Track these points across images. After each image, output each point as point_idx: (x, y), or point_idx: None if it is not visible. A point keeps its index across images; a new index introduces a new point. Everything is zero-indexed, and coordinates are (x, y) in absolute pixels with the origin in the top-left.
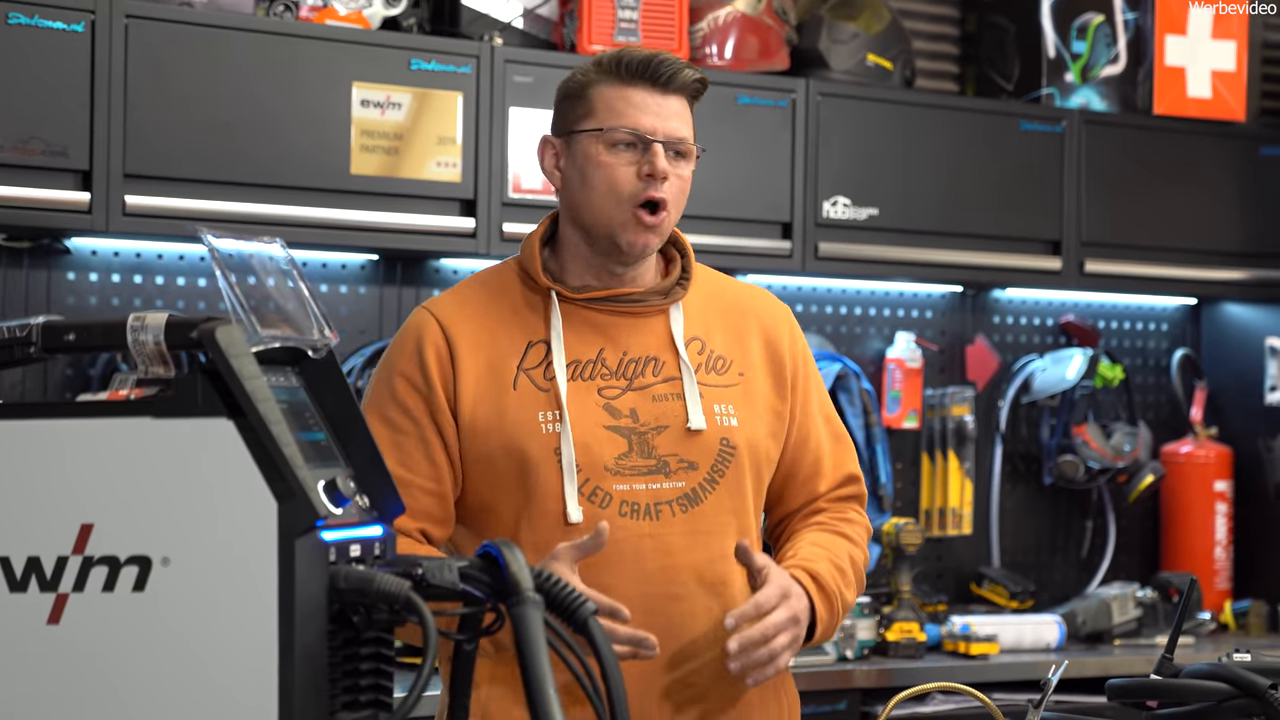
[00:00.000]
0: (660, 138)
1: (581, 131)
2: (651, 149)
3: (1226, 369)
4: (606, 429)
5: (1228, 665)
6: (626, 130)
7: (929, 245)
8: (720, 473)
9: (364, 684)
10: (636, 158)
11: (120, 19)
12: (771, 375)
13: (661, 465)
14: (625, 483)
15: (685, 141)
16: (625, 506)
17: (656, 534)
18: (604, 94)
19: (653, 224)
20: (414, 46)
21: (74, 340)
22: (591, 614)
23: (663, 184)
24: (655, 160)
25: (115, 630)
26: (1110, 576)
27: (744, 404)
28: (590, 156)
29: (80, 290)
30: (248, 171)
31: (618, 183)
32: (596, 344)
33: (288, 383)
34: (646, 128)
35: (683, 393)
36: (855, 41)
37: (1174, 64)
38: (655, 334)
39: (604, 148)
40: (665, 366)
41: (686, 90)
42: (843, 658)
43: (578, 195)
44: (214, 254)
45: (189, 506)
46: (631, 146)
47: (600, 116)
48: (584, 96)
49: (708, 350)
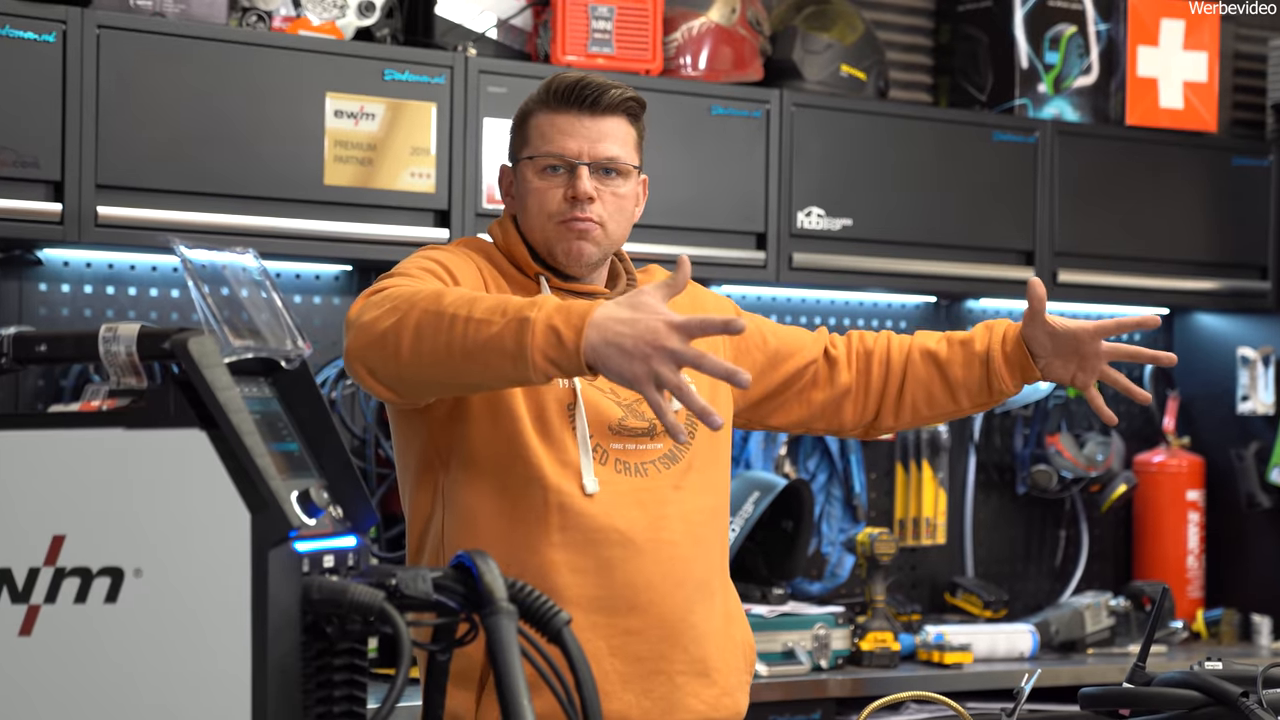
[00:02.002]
0: (585, 160)
1: (521, 159)
2: (576, 172)
3: (1198, 379)
4: (605, 395)
5: (1200, 674)
6: (552, 155)
7: (903, 256)
8: (692, 434)
9: (337, 695)
10: (564, 181)
11: (92, 29)
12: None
13: (649, 429)
14: (620, 443)
15: (616, 160)
16: (619, 465)
17: (650, 487)
18: (538, 122)
19: (581, 230)
20: (388, 57)
21: (46, 351)
22: (565, 623)
23: (589, 205)
24: (577, 183)
25: (88, 642)
26: (1083, 585)
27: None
28: (526, 181)
29: (52, 301)
30: (220, 182)
31: (545, 204)
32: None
33: (261, 394)
34: (571, 151)
35: None
36: (829, 52)
37: (1146, 75)
38: None
39: (535, 173)
40: None
41: (618, 110)
42: (817, 667)
43: (520, 218)
44: (186, 265)
45: (162, 518)
46: (560, 170)
47: (533, 144)
48: (524, 126)
49: None
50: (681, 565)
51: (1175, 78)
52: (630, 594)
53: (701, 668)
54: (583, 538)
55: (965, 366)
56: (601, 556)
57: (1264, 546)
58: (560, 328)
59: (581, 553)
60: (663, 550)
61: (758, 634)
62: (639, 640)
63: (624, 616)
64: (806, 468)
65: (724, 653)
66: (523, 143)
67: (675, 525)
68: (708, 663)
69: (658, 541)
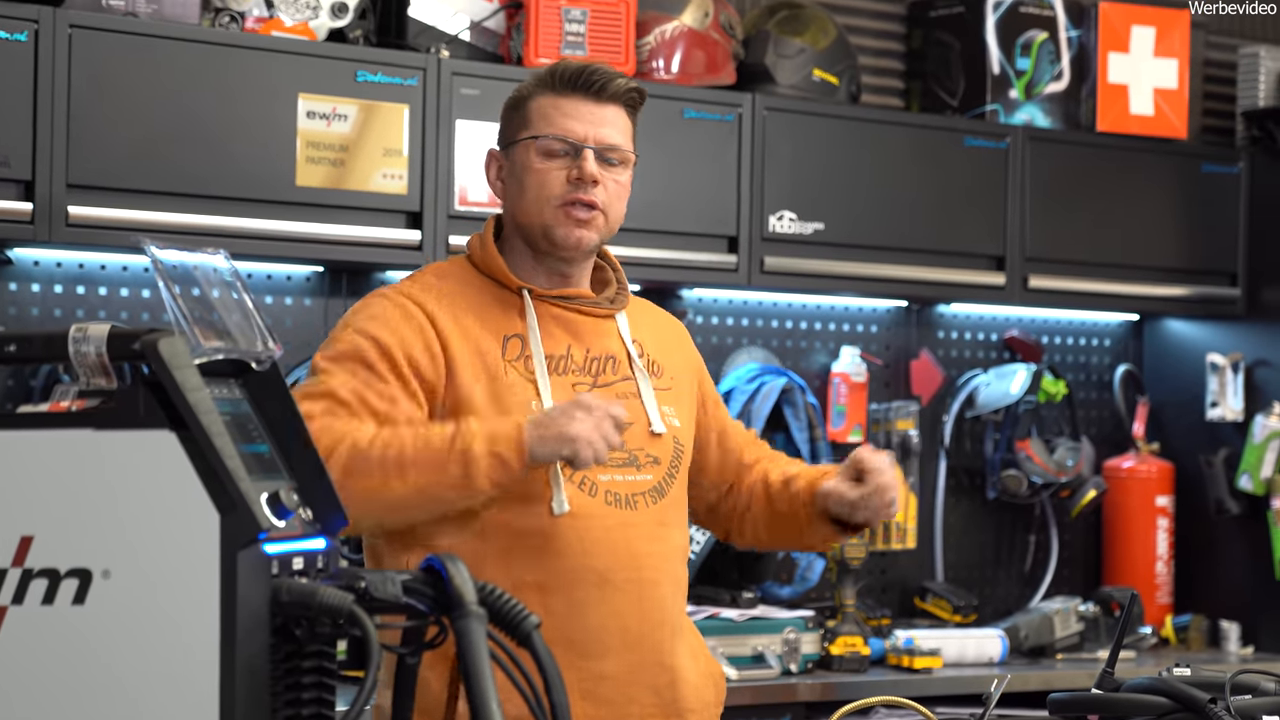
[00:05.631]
0: (591, 144)
1: (519, 141)
2: (582, 155)
3: (1168, 385)
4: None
5: (1168, 679)
6: (557, 137)
7: (874, 260)
8: (676, 468)
9: (306, 697)
10: (568, 164)
11: (64, 29)
12: (689, 378)
13: (632, 459)
14: (608, 473)
15: (619, 149)
16: (610, 496)
17: (635, 523)
18: (540, 104)
19: (584, 218)
20: (360, 58)
21: (15, 351)
22: (535, 627)
23: (593, 188)
24: (584, 165)
25: (55, 643)
26: (1053, 591)
27: (680, 407)
28: (525, 164)
29: (22, 301)
30: (192, 182)
31: (548, 186)
32: (565, 340)
33: (231, 395)
34: (578, 135)
35: (639, 392)
36: (801, 56)
37: (1117, 81)
38: (611, 336)
39: (537, 155)
40: (621, 366)
41: (621, 99)
42: (786, 671)
43: (515, 202)
44: (157, 265)
45: (130, 519)
46: (564, 154)
47: (535, 125)
48: (522, 108)
49: (647, 355)
50: (658, 606)
51: (1146, 84)
52: (604, 636)
53: (674, 709)
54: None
55: (789, 505)
56: (575, 597)
57: (1233, 552)
58: (503, 453)
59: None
60: (644, 590)
61: (727, 638)
62: (611, 684)
63: (597, 660)
64: None
65: (700, 692)
66: (521, 125)
67: (657, 564)
68: (680, 704)
69: (639, 581)
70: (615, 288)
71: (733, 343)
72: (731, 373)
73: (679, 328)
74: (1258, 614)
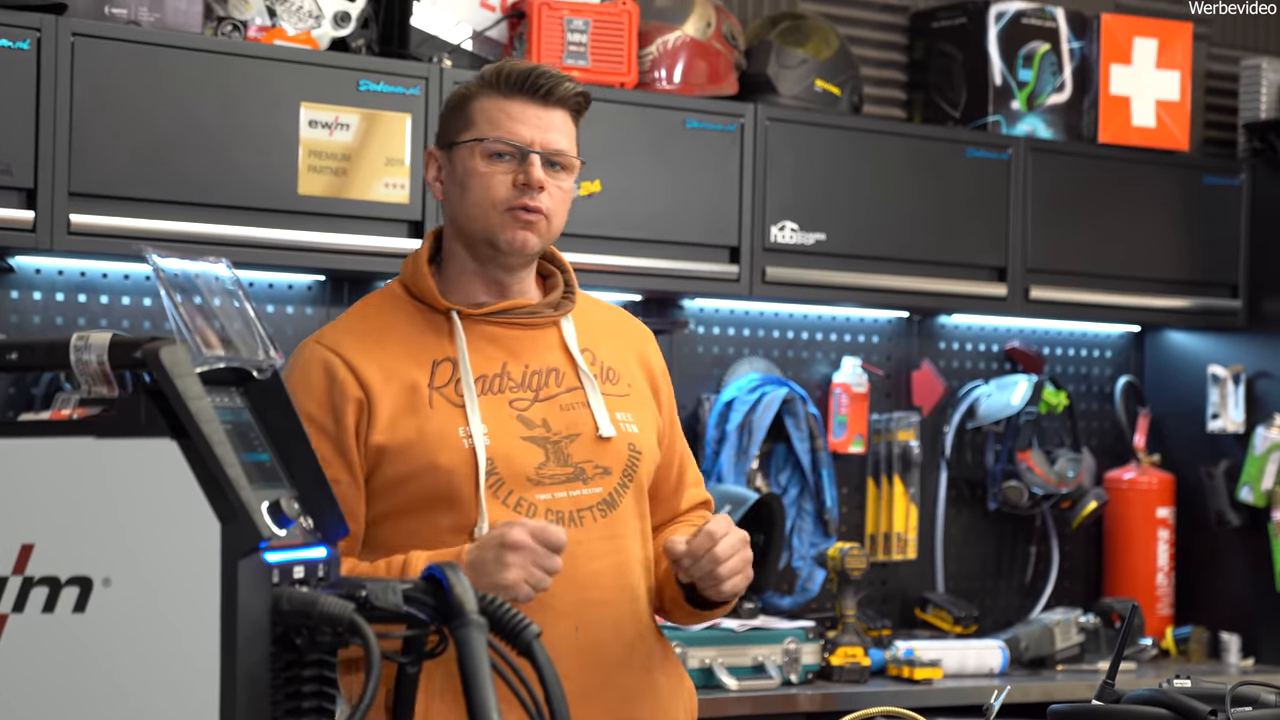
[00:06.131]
0: (537, 149)
1: (461, 143)
2: (528, 160)
3: (1169, 396)
4: (523, 440)
5: (1168, 691)
6: (503, 141)
7: (875, 271)
8: (630, 477)
9: (306, 706)
10: (513, 168)
11: (67, 37)
12: (650, 389)
13: (579, 472)
14: (547, 491)
15: (564, 154)
16: (550, 515)
17: (581, 540)
18: (484, 106)
19: (528, 220)
20: (363, 68)
21: (17, 359)
22: (535, 636)
23: (539, 194)
24: (530, 170)
25: (55, 652)
26: (1053, 602)
27: (639, 413)
28: (469, 167)
29: (24, 309)
30: (194, 191)
31: (492, 190)
32: (499, 358)
33: (232, 403)
34: (524, 139)
35: (587, 401)
36: (804, 67)
37: (1119, 93)
38: (551, 346)
39: (482, 158)
40: (565, 377)
41: (568, 103)
42: (787, 682)
43: (457, 206)
44: (159, 274)
45: (131, 527)
46: (509, 157)
47: (479, 127)
48: (465, 109)
49: (599, 361)
50: (609, 629)
51: (1148, 96)
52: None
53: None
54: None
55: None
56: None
57: (1233, 564)
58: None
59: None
60: (586, 612)
61: (728, 648)
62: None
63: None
64: (778, 482)
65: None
66: (464, 126)
67: (607, 581)
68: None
69: (582, 603)
70: (561, 291)
71: (734, 353)
72: (733, 383)
73: (642, 334)
74: (1258, 626)
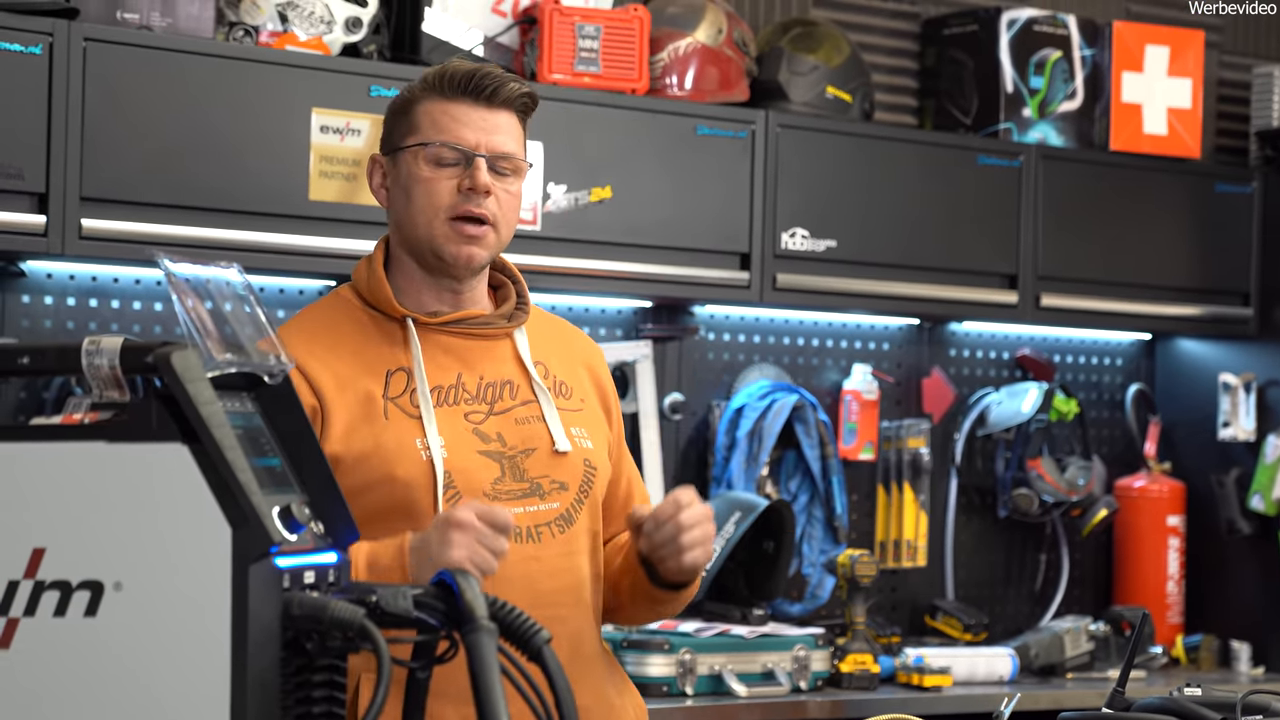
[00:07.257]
0: (483, 152)
1: (405, 148)
2: (473, 164)
3: (1180, 404)
4: (480, 454)
5: (1179, 699)
6: (448, 145)
7: (886, 278)
8: (586, 493)
9: (316, 711)
10: (458, 173)
11: (79, 42)
12: (600, 404)
13: (535, 488)
14: (504, 507)
15: (512, 157)
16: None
17: (539, 556)
18: (428, 109)
19: (474, 235)
20: (374, 73)
21: (28, 364)
22: (546, 642)
23: (485, 199)
24: (476, 174)
25: (66, 656)
26: (1063, 610)
27: (592, 428)
28: (413, 173)
29: (35, 314)
30: (205, 196)
31: (436, 196)
32: (454, 369)
33: (243, 408)
34: (468, 142)
35: (542, 415)
36: (815, 74)
37: (1130, 101)
38: (505, 358)
39: (425, 163)
40: (520, 390)
41: (513, 105)
42: (796, 689)
43: (402, 213)
44: (171, 278)
45: (142, 531)
46: (454, 163)
47: (423, 131)
48: (409, 112)
49: (552, 375)
50: (568, 646)
51: (1159, 104)
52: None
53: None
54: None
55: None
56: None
57: (1244, 573)
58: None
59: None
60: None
61: (738, 654)
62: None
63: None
64: (788, 489)
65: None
66: (408, 130)
67: (563, 599)
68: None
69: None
70: (514, 302)
71: (744, 360)
72: (743, 389)
73: (590, 348)
74: (1269, 634)
